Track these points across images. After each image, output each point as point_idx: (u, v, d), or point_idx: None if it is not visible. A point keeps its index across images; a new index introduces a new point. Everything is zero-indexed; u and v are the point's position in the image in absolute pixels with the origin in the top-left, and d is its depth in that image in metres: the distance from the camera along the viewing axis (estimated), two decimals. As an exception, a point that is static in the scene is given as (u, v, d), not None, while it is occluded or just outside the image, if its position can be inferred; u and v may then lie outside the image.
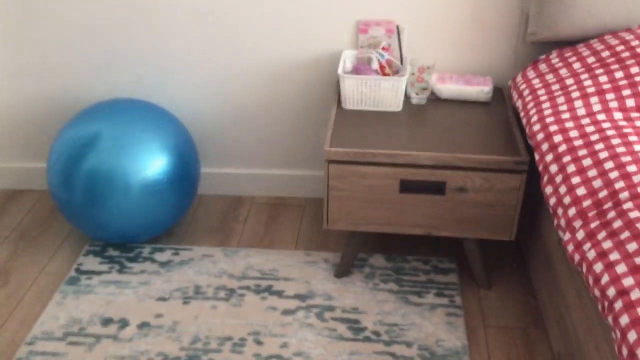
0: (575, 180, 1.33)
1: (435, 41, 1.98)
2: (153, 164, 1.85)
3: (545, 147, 1.47)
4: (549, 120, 1.51)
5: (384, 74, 1.90)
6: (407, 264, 1.93)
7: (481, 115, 1.83)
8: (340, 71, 1.84)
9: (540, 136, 1.49)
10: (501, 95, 1.95)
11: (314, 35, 2.00)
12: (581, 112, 1.49)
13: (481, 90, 1.88)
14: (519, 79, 1.78)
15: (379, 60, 1.90)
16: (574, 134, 1.44)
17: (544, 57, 1.80)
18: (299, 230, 2.10)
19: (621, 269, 1.09)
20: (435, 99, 1.93)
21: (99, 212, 1.84)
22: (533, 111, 1.58)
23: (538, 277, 1.73)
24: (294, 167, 2.24)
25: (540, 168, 1.46)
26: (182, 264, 1.94)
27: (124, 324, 1.72)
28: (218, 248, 2.01)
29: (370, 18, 1.96)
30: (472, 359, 1.61)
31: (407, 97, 1.93)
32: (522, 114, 1.64)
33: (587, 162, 1.34)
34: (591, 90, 1.52)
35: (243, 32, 2.01)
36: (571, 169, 1.36)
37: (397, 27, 1.93)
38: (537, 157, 1.49)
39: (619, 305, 1.04)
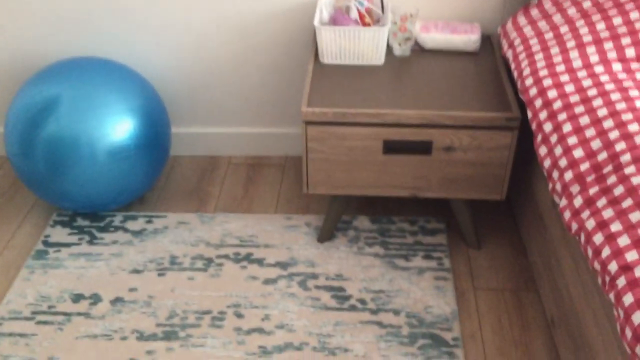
0: (572, 140, 1.23)
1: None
2: (119, 127, 1.72)
3: (538, 103, 1.36)
4: (542, 73, 1.40)
5: (364, 24, 1.76)
6: (393, 225, 1.85)
7: (468, 66, 1.71)
8: (316, 22, 1.70)
9: (533, 91, 1.39)
10: (489, 43, 1.82)
11: None
12: (577, 63, 1.38)
13: (468, 39, 1.75)
14: (509, 26, 1.65)
15: (357, 9, 1.75)
16: (569, 88, 1.33)
17: (535, 1, 1.67)
18: (279, 192, 2.00)
19: (623, 241, 1.00)
20: (419, 50, 1.80)
21: (64, 181, 1.72)
22: (524, 62, 1.46)
23: (530, 238, 1.66)
24: (272, 124, 2.12)
25: (533, 126, 1.36)
26: (156, 233, 1.84)
27: (95, 299, 1.63)
28: (193, 214, 1.91)
29: None
30: (461, 324, 1.55)
31: (389, 48, 1.80)
32: (512, 65, 1.53)
33: (584, 120, 1.24)
34: (587, 39, 1.41)
35: None
36: (567, 127, 1.26)
37: (377, -29, 1.78)
38: (529, 113, 1.38)
39: (621, 282, 0.96)
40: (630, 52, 1.35)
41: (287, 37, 1.94)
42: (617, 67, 1.34)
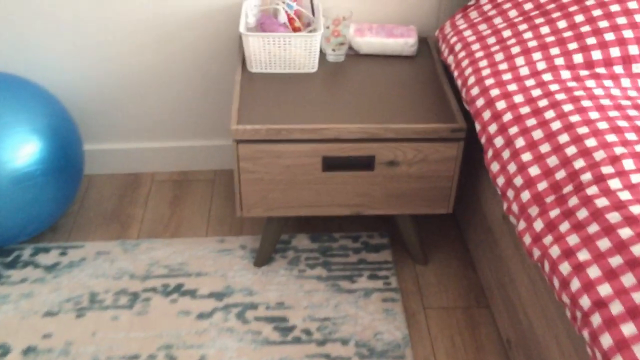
0: (526, 156, 1.15)
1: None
2: (22, 151, 1.51)
3: (486, 115, 1.27)
4: (489, 82, 1.31)
5: (294, 28, 1.63)
6: (335, 242, 1.73)
7: (407, 71, 1.61)
8: (242, 28, 1.55)
9: (480, 102, 1.30)
10: (427, 46, 1.73)
11: None
12: (524, 71, 1.30)
13: (405, 42, 1.65)
14: (448, 29, 1.56)
15: (286, 12, 1.62)
16: (518, 98, 1.25)
17: (473, 1, 1.59)
18: (209, 211, 1.84)
19: (594, 272, 0.92)
20: (354, 55, 1.68)
21: (-41, 216, 1.50)
22: (468, 70, 1.37)
23: (479, 252, 1.58)
24: (198, 137, 1.95)
25: (483, 139, 1.27)
26: (72, 266, 1.64)
27: (3, 350, 1.43)
28: (115, 242, 1.72)
29: None
30: (413, 350, 1.46)
31: (322, 54, 1.67)
32: (455, 73, 1.43)
33: (537, 134, 1.16)
34: (532, 44, 1.33)
35: None
36: (519, 142, 1.17)
37: (306, -29, 1.65)
38: (477, 125, 1.30)
39: (596, 320, 0.88)
40: (578, 58, 1.28)
41: (210, 42, 1.77)
42: (565, 74, 1.27)
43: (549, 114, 1.18)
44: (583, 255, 0.95)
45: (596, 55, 1.26)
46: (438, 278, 1.64)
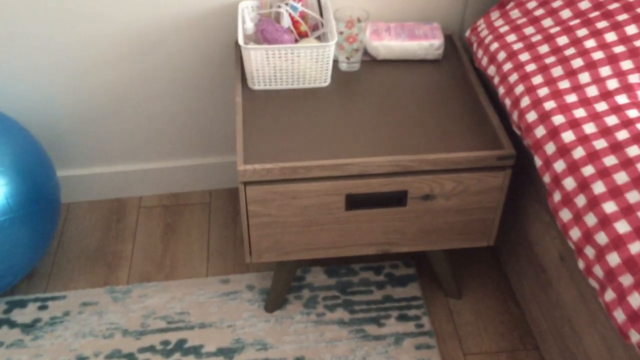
0: (610, 206, 0.93)
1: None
2: (-15, 195, 1.27)
3: (550, 148, 1.05)
4: (549, 105, 1.08)
5: (299, 33, 1.38)
6: (354, 275, 1.52)
7: (434, 79, 1.38)
8: (240, 39, 1.29)
9: (540, 131, 1.07)
10: (451, 45, 1.49)
11: None
12: (591, 91, 1.07)
13: (430, 45, 1.41)
14: (483, 30, 1.33)
15: (290, 15, 1.36)
16: (589, 128, 1.02)
17: (510, -4, 1.35)
18: (208, 242, 1.62)
19: None
20: (370, 61, 1.44)
21: None
22: (519, 88, 1.14)
23: (522, 286, 1.38)
24: (188, 155, 1.70)
25: (546, 179, 1.06)
26: (55, 323, 1.41)
27: None
28: (101, 289, 1.49)
29: None
30: (458, 409, 1.27)
31: (334, 62, 1.43)
32: (500, 90, 1.20)
33: (621, 178, 0.95)
34: (598, 55, 1.10)
35: None
36: (599, 187, 0.96)
37: (311, -36, 1.39)
38: (537, 161, 1.07)
39: None
40: (656, 74, 1.06)
41: (200, 50, 1.52)
42: (643, 95, 1.05)
43: (633, 151, 0.97)
44: None
45: (679, 70, 1.05)
46: (475, 314, 1.45)
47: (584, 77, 1.09)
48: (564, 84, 1.10)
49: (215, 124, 1.65)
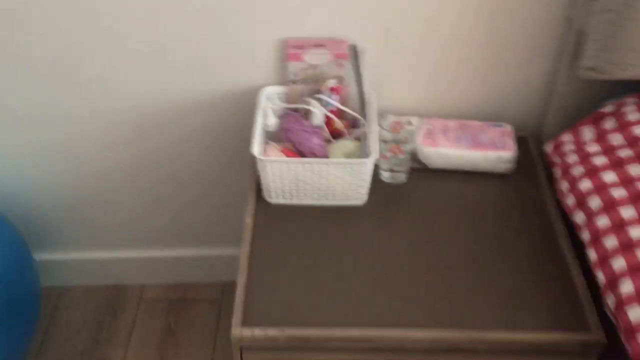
0: None
1: (416, 69, 1.17)
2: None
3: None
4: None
5: (332, 132, 1.11)
6: None
7: (498, 201, 1.08)
8: (256, 149, 1.02)
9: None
10: (526, 152, 1.18)
11: (204, 64, 1.15)
12: None
13: (497, 157, 1.11)
14: (569, 150, 1.02)
15: (324, 112, 1.09)
16: None
17: (610, 105, 1.04)
18: (213, 348, 1.37)
19: None
20: (420, 169, 1.15)
21: None
22: (619, 262, 0.83)
23: None
24: (198, 245, 1.46)
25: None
26: None
27: None
28: (80, 411, 1.26)
29: (306, 35, 1.12)
30: None
31: (375, 166, 1.15)
32: (592, 256, 0.89)
33: None
34: None
35: (86, 69, 1.14)
36: None
37: (354, 48, 1.11)
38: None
39: None
40: None
41: (214, 137, 1.26)
42: None
43: None
44: None
45: None
46: None
47: None
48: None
49: (230, 211, 1.40)
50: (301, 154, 1.07)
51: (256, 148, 1.02)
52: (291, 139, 1.08)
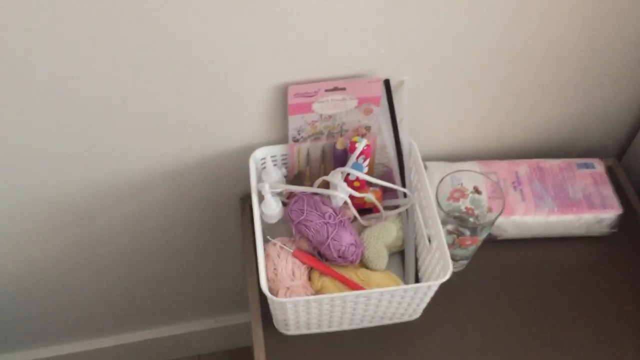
0: None
1: (467, 103, 0.79)
2: None
3: None
4: None
5: (358, 204, 0.74)
6: None
7: (593, 280, 0.77)
8: (263, 285, 0.64)
9: None
10: (625, 202, 0.85)
11: (182, 121, 0.72)
12: None
13: (597, 221, 0.78)
14: None
15: (348, 180, 0.72)
16: None
17: None
18: None
19: None
20: (489, 240, 0.81)
21: None
22: None
23: None
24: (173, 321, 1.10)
25: None
26: None
27: None
28: None
29: (316, 76, 0.70)
30: None
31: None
32: None
33: None
34: None
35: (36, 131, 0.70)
36: None
37: (387, 84, 0.72)
38: None
39: None
40: None
41: (207, 205, 0.87)
42: None
43: None
44: None
45: None
46: None
47: None
48: None
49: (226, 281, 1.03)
50: (323, 255, 0.71)
51: (264, 285, 0.64)
52: (306, 234, 0.71)
